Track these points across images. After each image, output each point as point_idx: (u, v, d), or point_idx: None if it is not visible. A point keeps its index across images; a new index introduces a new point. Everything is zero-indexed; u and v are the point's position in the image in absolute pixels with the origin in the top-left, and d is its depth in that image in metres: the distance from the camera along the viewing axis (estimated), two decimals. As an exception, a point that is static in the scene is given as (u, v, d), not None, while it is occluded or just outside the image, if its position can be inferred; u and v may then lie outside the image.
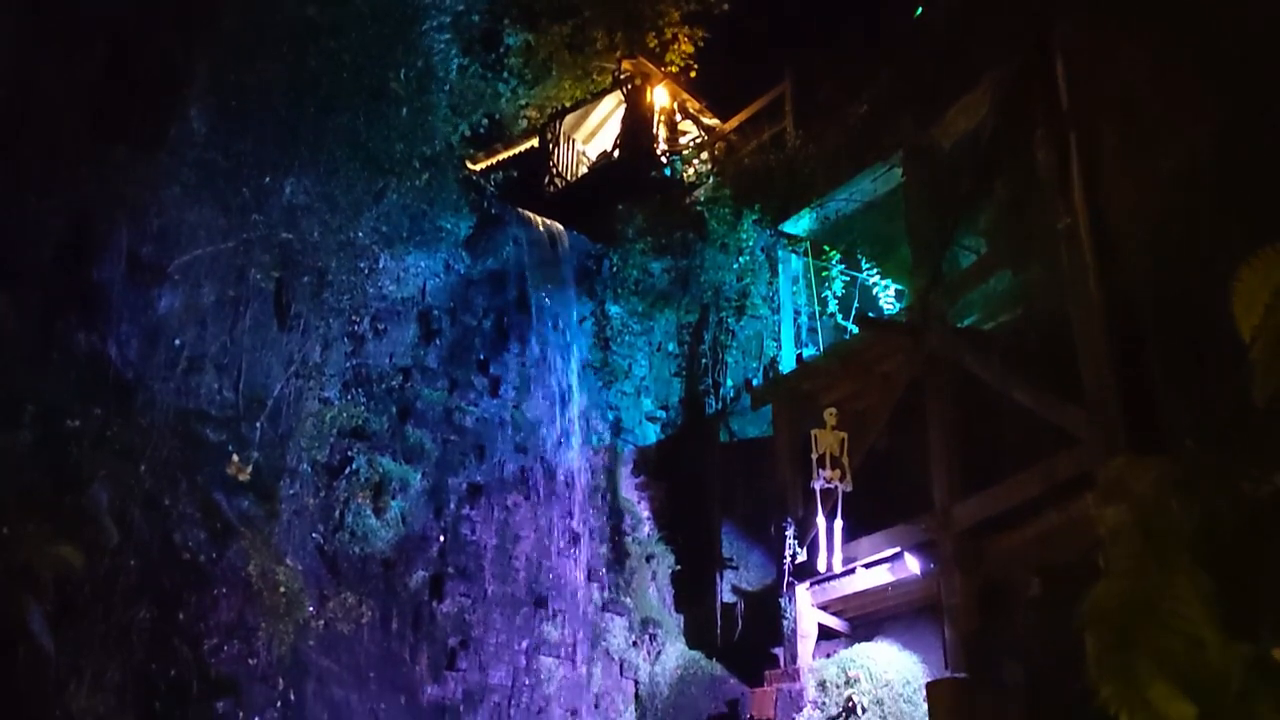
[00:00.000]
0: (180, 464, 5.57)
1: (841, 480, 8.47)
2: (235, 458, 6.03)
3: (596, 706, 9.22)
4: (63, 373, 5.39)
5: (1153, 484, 2.63)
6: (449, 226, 8.58)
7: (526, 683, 8.50)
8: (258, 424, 6.28)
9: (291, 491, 6.66)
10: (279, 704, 5.93)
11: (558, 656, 8.84)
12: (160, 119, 6.34)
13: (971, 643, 7.24)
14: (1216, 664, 2.51)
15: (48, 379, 5.23)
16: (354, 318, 7.65)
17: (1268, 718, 2.51)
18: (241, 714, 5.58)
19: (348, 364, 7.52)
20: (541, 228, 10.99)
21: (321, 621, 6.54)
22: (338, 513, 7.17)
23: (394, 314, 8.35)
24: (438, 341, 8.47)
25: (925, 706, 7.16)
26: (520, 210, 10.89)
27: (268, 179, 6.71)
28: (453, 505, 8.22)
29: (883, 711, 7.88)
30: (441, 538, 8.02)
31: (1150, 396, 6.37)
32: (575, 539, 9.31)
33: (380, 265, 7.75)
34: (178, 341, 6.17)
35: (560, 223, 11.32)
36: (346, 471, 7.30)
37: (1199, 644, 2.54)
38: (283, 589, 5.90)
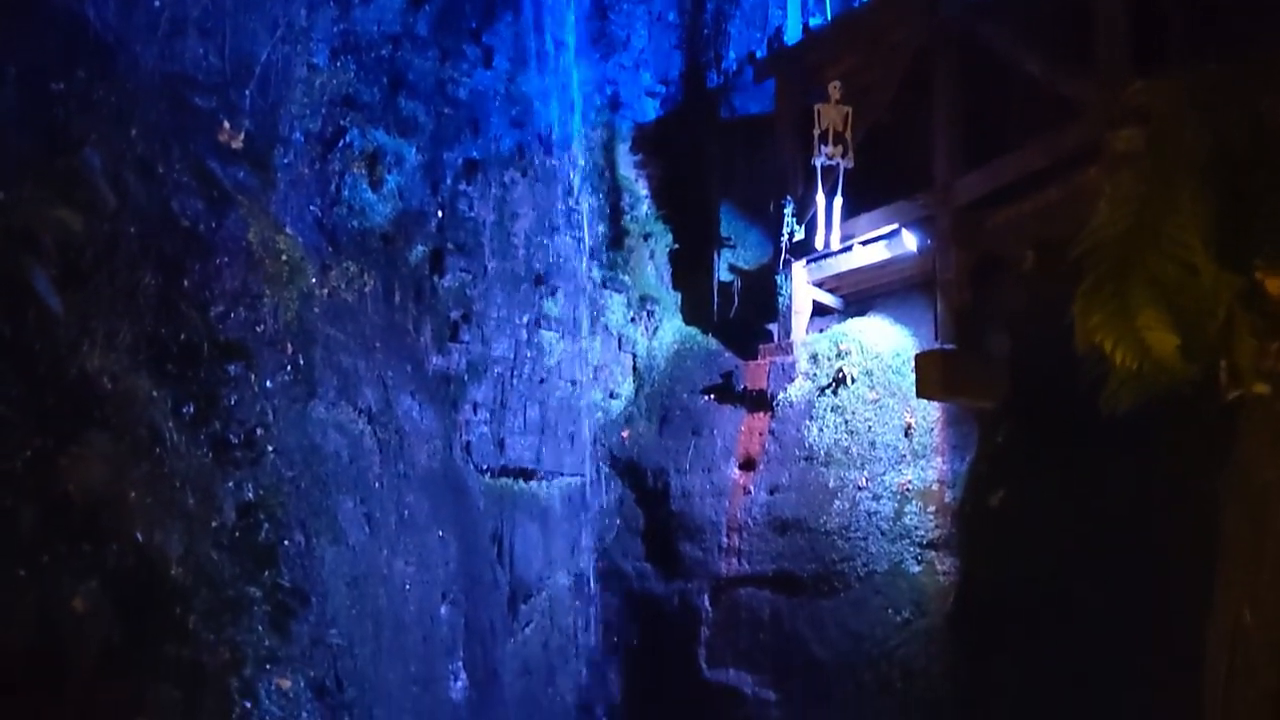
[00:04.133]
0: (171, 130, 5.45)
1: (843, 156, 8.37)
2: (226, 125, 5.90)
3: (595, 378, 9.55)
4: (40, 33, 5.16)
5: (1171, 104, 2.57)
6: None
7: (528, 355, 8.76)
8: (246, 91, 6.10)
9: (286, 161, 6.58)
10: (288, 368, 6.11)
11: (558, 331, 9.06)
12: None
13: (962, 316, 7.41)
14: (1207, 292, 2.55)
15: (26, 39, 5.02)
16: (338, -22, 7.28)
17: (1247, 344, 2.58)
18: (253, 377, 5.76)
19: (335, 29, 7.21)
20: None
21: (325, 290, 6.64)
22: (334, 186, 7.10)
23: (379, -25, 7.92)
24: (427, 8, 8.07)
25: (913, 377, 7.41)
26: None
27: None
28: (449, 181, 8.15)
29: (872, 381, 8.18)
30: (439, 213, 8.00)
31: (1163, 59, 6.22)
32: (574, 216, 9.31)
33: (363, -77, 7.31)
34: (157, 3, 5.88)
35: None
36: (340, 144, 7.18)
37: (1193, 271, 2.57)
38: (284, 257, 5.95)
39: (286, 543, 5.76)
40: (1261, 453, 2.58)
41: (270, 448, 5.76)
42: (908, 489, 7.65)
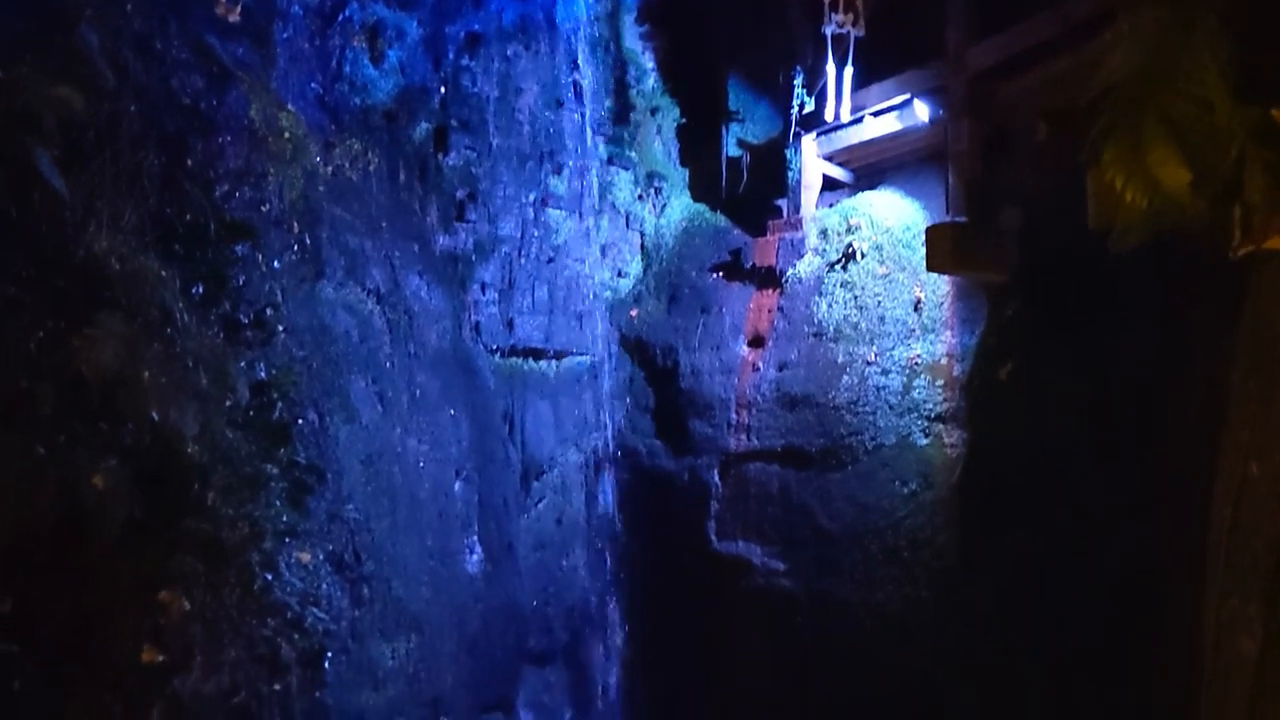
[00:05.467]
0: (167, 4, 5.32)
1: (854, 25, 8.15)
2: (222, -2, 5.78)
3: (603, 257, 9.52)
4: (27, -94, 5.01)
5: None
6: None
7: (535, 234, 8.71)
8: (241, -38, 5.95)
9: (285, 36, 6.43)
10: (295, 248, 6.10)
11: (564, 209, 8.99)
12: None
13: (974, 188, 7.32)
14: (1221, 128, 2.51)
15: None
16: None
17: (1259, 181, 2.56)
18: (260, 257, 5.75)
19: (331, -103, 6.99)
20: None
21: (329, 169, 6.57)
22: (334, 61, 6.96)
23: None
24: (418, -127, 7.80)
25: (923, 251, 7.36)
26: None
27: None
28: (451, 55, 7.98)
29: (881, 256, 8.13)
30: (442, 89, 7.86)
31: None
32: (579, 92, 9.14)
33: None
34: (146, -127, 5.69)
35: None
36: (340, 18, 7.01)
37: (1207, 108, 2.53)
38: (287, 134, 5.87)
39: (300, 421, 5.83)
40: (1273, 307, 2.57)
41: (280, 328, 5.79)
42: (916, 363, 7.68)
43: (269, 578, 5.16)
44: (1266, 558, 2.31)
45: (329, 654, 5.71)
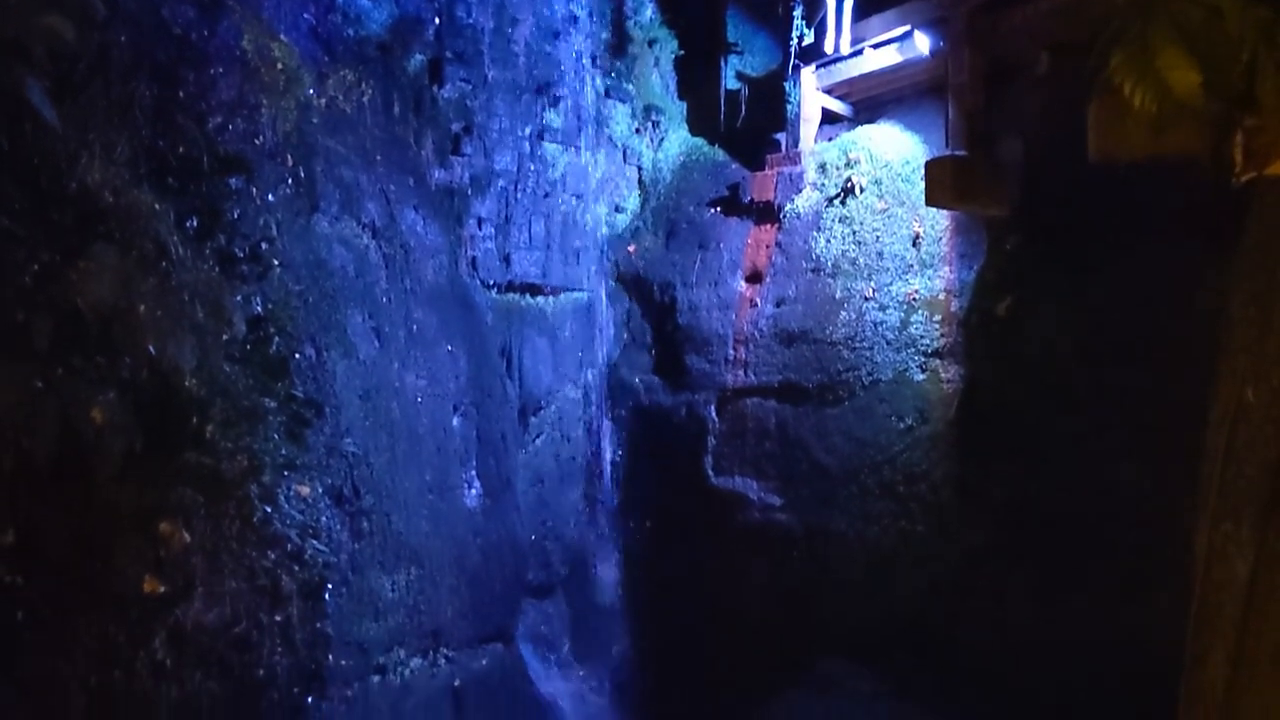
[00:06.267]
0: (156, -69, 5.24)
1: (854, -46, 8.04)
2: (211, -77, 5.66)
3: (600, 192, 9.45)
4: None
5: None
6: None
7: (531, 168, 8.64)
8: (229, -114, 5.82)
9: (277, -36, 6.34)
10: (290, 181, 6.05)
11: (561, 143, 8.91)
12: None
13: (974, 121, 7.26)
14: (1231, 31, 2.48)
15: None
16: None
17: (1271, 83, 2.53)
18: (255, 190, 5.70)
19: None
20: None
21: (323, 101, 6.49)
22: (326, -9, 6.86)
23: None
24: None
25: (923, 185, 7.31)
26: None
27: None
28: (446, -16, 7.86)
29: (880, 191, 8.08)
30: (436, 20, 7.74)
31: None
32: (575, 22, 9.01)
33: None
34: None
35: None
36: (331, -53, 6.90)
37: (1217, 12, 2.49)
38: (280, 65, 5.80)
39: (297, 356, 5.83)
40: (1273, 233, 2.56)
41: (276, 262, 5.77)
42: (914, 298, 7.67)
43: (268, 510, 5.20)
44: (1260, 481, 2.32)
45: (329, 585, 5.77)
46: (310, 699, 5.56)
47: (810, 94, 8.75)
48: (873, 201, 8.11)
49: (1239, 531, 2.42)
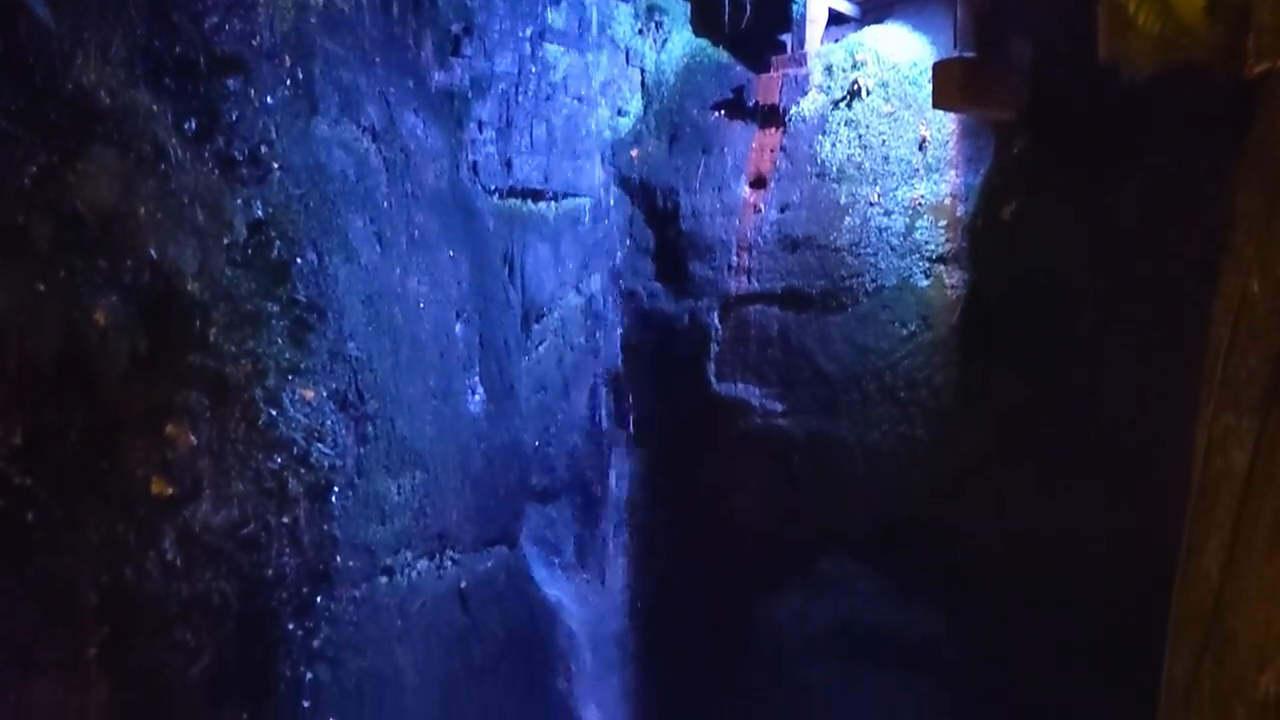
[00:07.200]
0: None
1: None
2: None
3: (603, 95, 9.32)
4: None
5: None
6: None
7: (532, 70, 8.50)
8: None
9: None
10: (288, 83, 5.96)
11: (563, 44, 8.75)
12: None
13: (983, 22, 7.11)
14: None
15: None
16: None
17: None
18: (253, 92, 5.62)
19: None
20: None
21: (320, 0, 6.37)
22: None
23: None
24: None
25: (930, 87, 7.20)
26: None
27: None
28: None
29: (887, 93, 7.97)
30: (433, -80, 7.56)
31: None
32: (576, -83, 8.79)
33: None
34: None
35: None
36: None
37: None
38: (276, -38, 5.69)
39: (299, 260, 5.81)
40: (1282, 122, 2.54)
41: (276, 165, 5.71)
42: (919, 204, 7.61)
43: (273, 413, 5.24)
44: (1262, 371, 2.33)
45: (335, 488, 5.84)
46: (319, 599, 5.66)
47: (817, -7, 8.59)
48: (879, 105, 8.00)
49: (1239, 423, 2.43)
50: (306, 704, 5.44)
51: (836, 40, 8.61)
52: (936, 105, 7.17)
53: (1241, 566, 2.37)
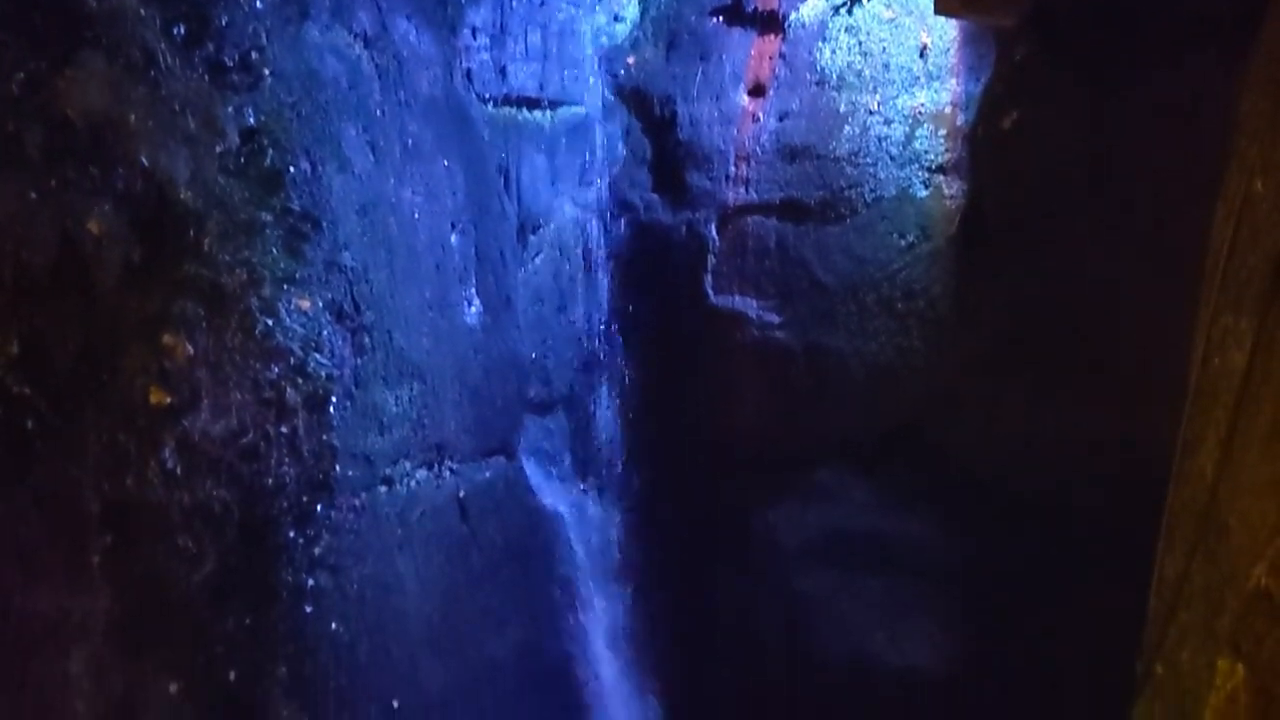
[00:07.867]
0: None
1: None
2: None
3: (599, 0, 9.15)
4: None
5: None
6: None
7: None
8: None
9: None
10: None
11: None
12: None
13: (988, -76, 6.98)
14: None
15: None
16: None
17: None
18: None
19: None
20: None
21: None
22: None
23: None
24: None
25: (934, -11, 7.07)
26: None
27: None
28: None
29: (888, -1, 7.84)
30: None
31: None
32: None
33: None
34: None
35: None
36: None
37: None
38: None
39: (293, 169, 5.74)
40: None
41: (267, 72, 5.61)
42: (920, 112, 7.53)
43: (270, 323, 5.23)
44: (1262, 269, 2.32)
45: (333, 399, 5.85)
46: (319, 507, 5.71)
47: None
48: (880, 10, 7.87)
49: (1238, 323, 2.43)
50: (309, 609, 5.51)
51: (840, -62, 8.42)
52: (938, 11, 7.03)
53: (1237, 463, 2.39)
